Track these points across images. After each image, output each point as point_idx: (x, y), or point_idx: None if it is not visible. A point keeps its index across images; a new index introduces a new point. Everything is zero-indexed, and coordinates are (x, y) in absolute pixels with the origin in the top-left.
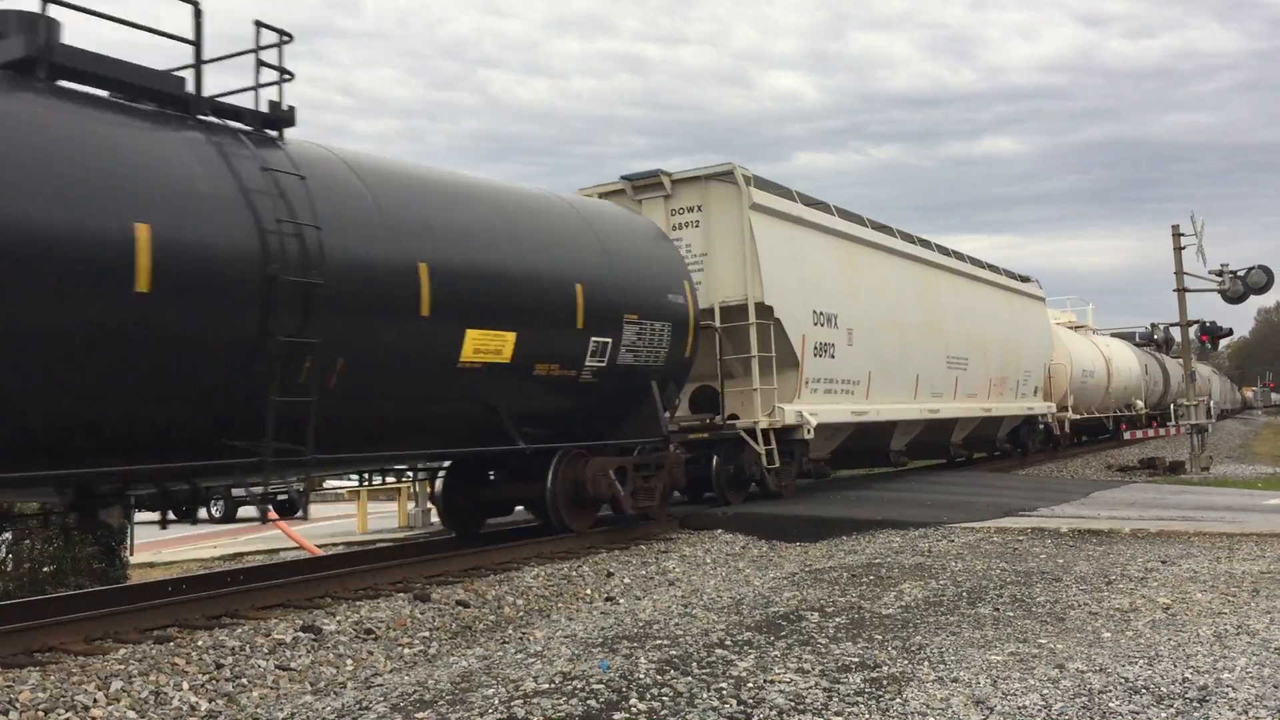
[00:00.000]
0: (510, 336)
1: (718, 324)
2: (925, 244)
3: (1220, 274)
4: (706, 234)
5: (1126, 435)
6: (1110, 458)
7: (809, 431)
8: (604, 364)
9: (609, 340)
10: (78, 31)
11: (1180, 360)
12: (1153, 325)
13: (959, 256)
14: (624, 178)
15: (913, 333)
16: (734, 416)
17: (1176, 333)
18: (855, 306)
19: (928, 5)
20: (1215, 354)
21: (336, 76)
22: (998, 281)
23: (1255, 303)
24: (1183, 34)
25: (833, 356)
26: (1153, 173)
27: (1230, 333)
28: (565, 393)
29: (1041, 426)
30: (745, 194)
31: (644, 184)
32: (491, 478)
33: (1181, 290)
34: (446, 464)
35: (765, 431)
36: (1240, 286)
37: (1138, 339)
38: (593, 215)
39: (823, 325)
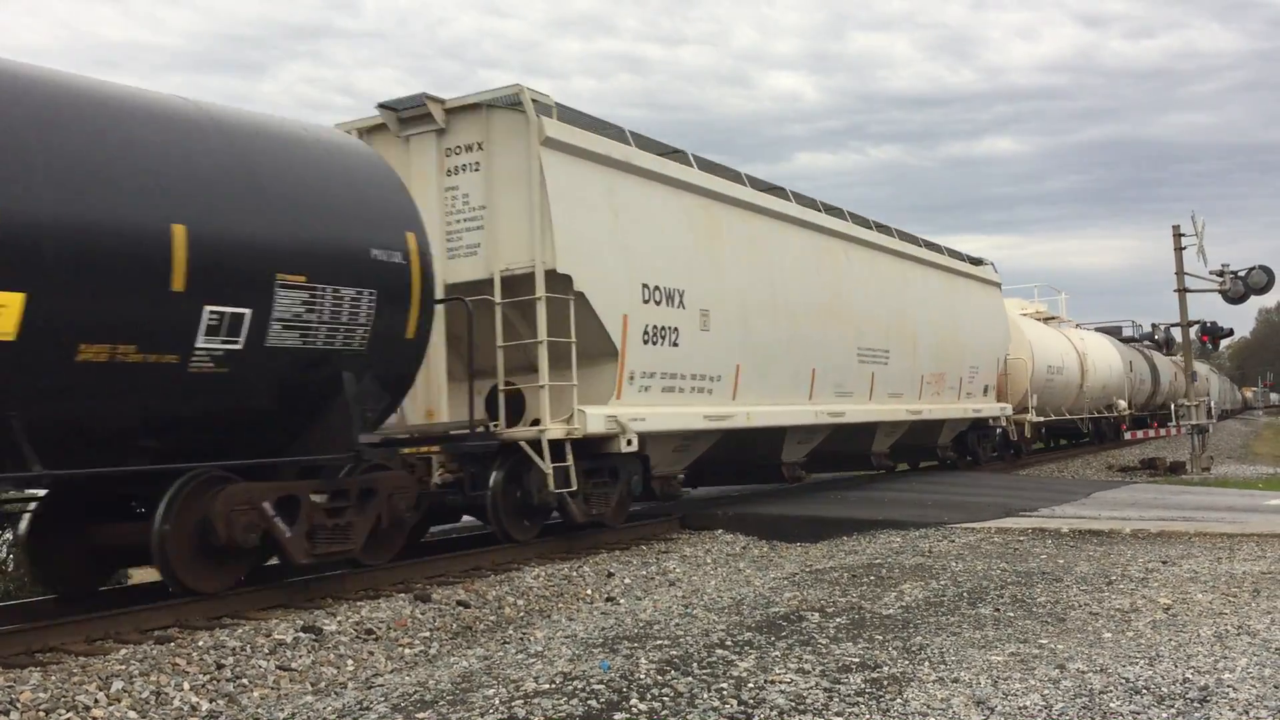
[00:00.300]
0: (15, 299)
1: (497, 298)
2: (835, 212)
3: (1221, 274)
4: (488, 180)
5: (1127, 436)
6: (1111, 458)
7: (630, 443)
8: (239, 346)
9: (246, 311)
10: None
11: (1173, 357)
12: (1154, 325)
13: (883, 230)
14: (382, 106)
15: (807, 317)
16: (537, 422)
17: (1177, 333)
18: (714, 281)
19: (928, 5)
20: (1216, 354)
21: (336, 76)
22: (936, 261)
23: (1255, 303)
24: (1183, 34)
25: (675, 344)
26: (1153, 173)
27: (1231, 333)
28: (163, 390)
29: (998, 431)
30: (536, 126)
31: (411, 115)
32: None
33: (1182, 290)
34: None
35: (558, 443)
36: (1241, 287)
37: (1126, 334)
38: (244, 134)
39: (659, 304)
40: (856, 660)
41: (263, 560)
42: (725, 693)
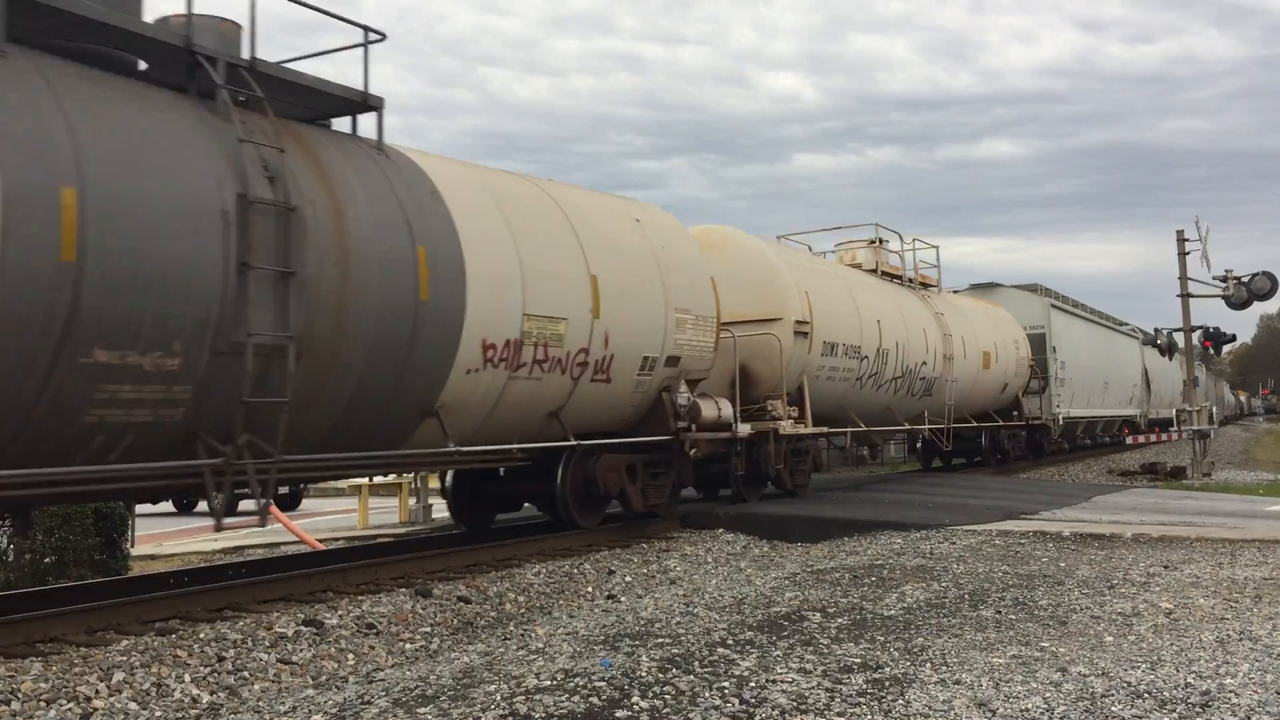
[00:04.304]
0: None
1: None
2: None
3: (1224, 280)
4: None
5: (1129, 440)
6: (1111, 462)
7: None
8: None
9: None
10: None
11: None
12: (1155, 330)
13: None
14: None
15: None
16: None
17: (1179, 338)
18: None
19: (926, 8)
20: (1217, 360)
21: (335, 73)
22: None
23: (1257, 310)
24: (1181, 39)
25: None
26: (1152, 178)
27: (1234, 339)
28: None
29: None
30: None
31: None
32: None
33: (1185, 295)
34: None
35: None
36: (1244, 292)
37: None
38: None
39: None
40: (858, 661)
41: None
42: (727, 691)
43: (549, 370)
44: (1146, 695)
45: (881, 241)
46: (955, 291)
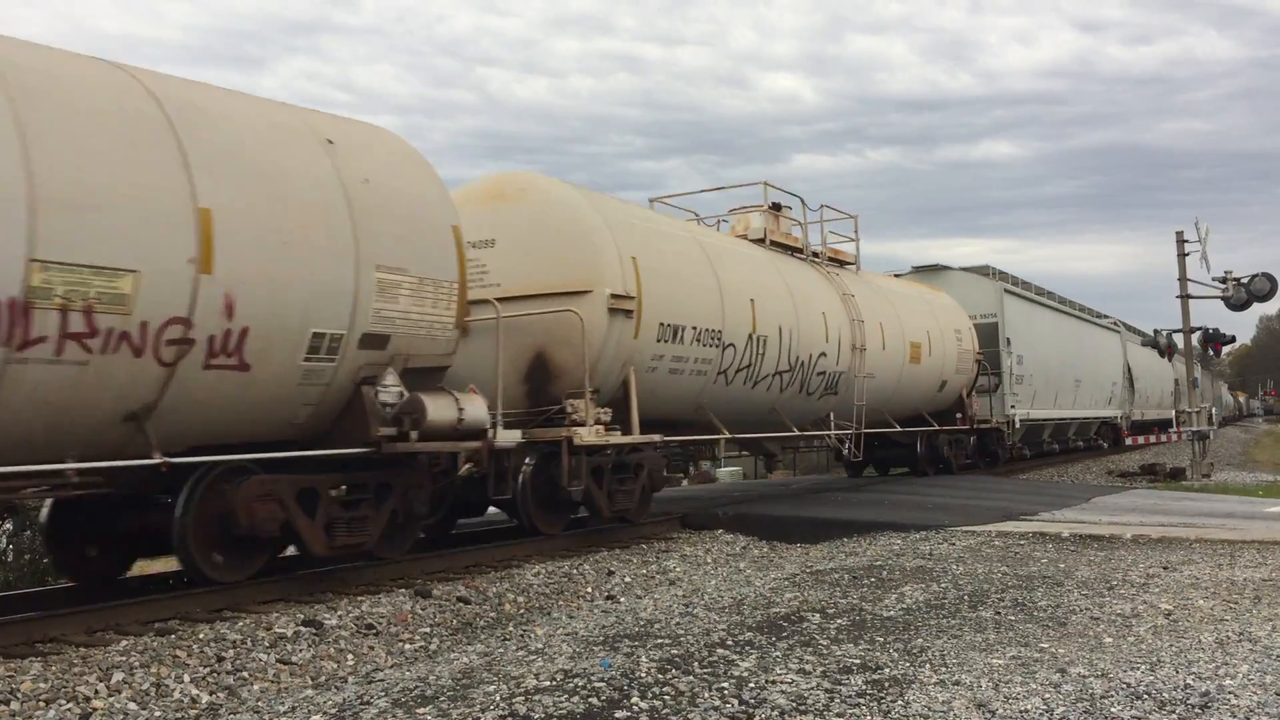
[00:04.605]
0: None
1: None
2: None
3: (1224, 281)
4: None
5: (1128, 441)
6: (1111, 463)
7: None
8: None
9: None
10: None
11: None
12: (1155, 331)
13: None
14: None
15: None
16: None
17: (1179, 338)
18: None
19: (925, 9)
20: (1217, 361)
21: (335, 73)
22: None
23: (1256, 311)
24: (1180, 41)
25: None
26: (1151, 179)
27: (1233, 340)
28: None
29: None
30: None
31: None
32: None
33: (1185, 296)
34: None
35: None
36: (1244, 294)
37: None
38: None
39: None
40: (857, 661)
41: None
42: (726, 692)
43: (107, 350)
44: (1146, 696)
45: (776, 207)
46: (897, 275)
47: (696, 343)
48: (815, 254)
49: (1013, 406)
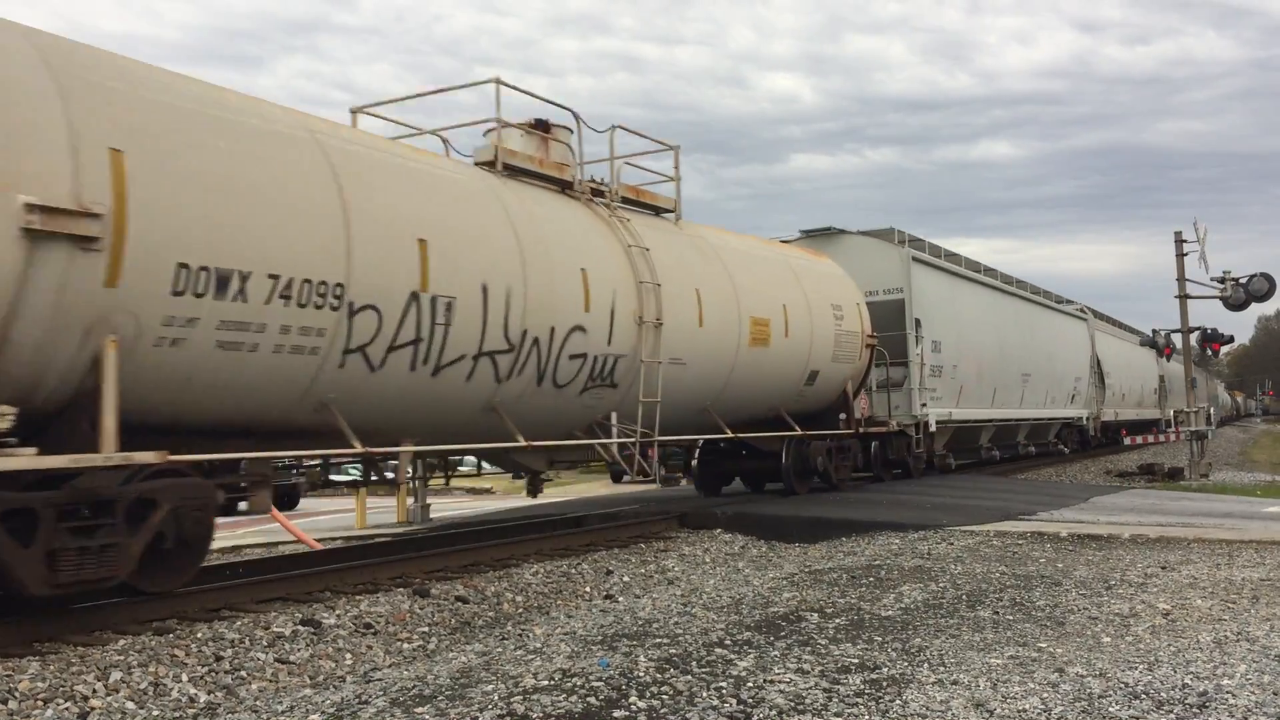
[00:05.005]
0: None
1: None
2: None
3: (1223, 281)
4: None
5: (1127, 441)
6: (1109, 463)
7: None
8: None
9: None
10: (80, 24)
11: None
12: (1154, 331)
13: None
14: None
15: None
16: None
17: (1177, 339)
18: None
19: (924, 9)
20: (1215, 361)
21: (334, 72)
22: None
23: (1255, 311)
24: (1179, 41)
25: None
26: (1150, 179)
27: (1232, 340)
28: None
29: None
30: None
31: None
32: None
33: (1184, 297)
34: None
35: None
36: (1242, 294)
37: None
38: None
39: None
40: (856, 661)
41: None
42: (724, 691)
43: None
44: (1144, 696)
45: (544, 126)
46: (786, 241)
47: (282, 300)
48: (599, 192)
49: (924, 404)
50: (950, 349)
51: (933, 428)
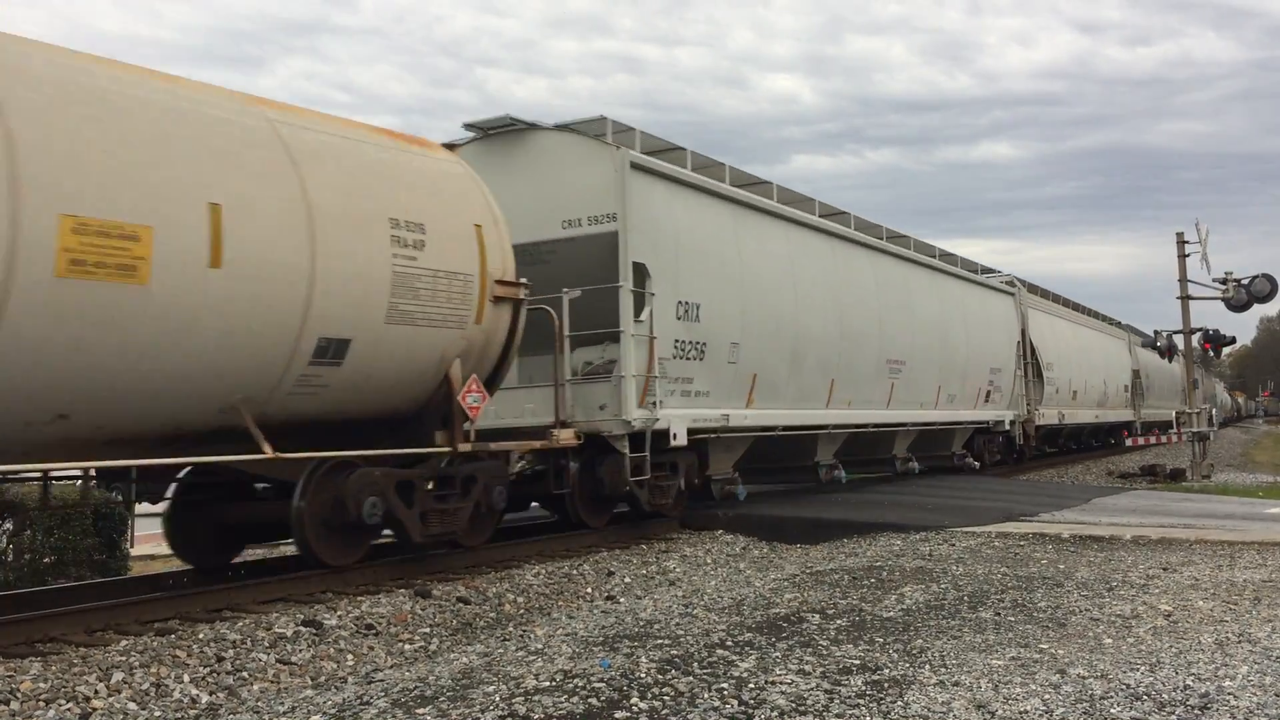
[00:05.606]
0: None
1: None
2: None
3: (1224, 282)
4: None
5: (1128, 442)
6: (1111, 464)
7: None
8: None
9: None
10: (93, 30)
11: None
12: (1155, 332)
13: None
14: None
15: None
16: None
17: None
18: None
19: (924, 10)
20: (1217, 362)
21: (334, 72)
22: None
23: (1256, 312)
24: (1179, 42)
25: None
26: (1150, 180)
27: (1233, 341)
28: None
29: None
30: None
31: None
32: None
33: (1185, 298)
34: None
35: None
36: (1244, 295)
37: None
38: None
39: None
40: (857, 662)
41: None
42: (726, 693)
43: None
44: (1145, 697)
45: None
46: (449, 145)
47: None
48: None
49: (659, 402)
50: (720, 317)
51: (678, 438)
